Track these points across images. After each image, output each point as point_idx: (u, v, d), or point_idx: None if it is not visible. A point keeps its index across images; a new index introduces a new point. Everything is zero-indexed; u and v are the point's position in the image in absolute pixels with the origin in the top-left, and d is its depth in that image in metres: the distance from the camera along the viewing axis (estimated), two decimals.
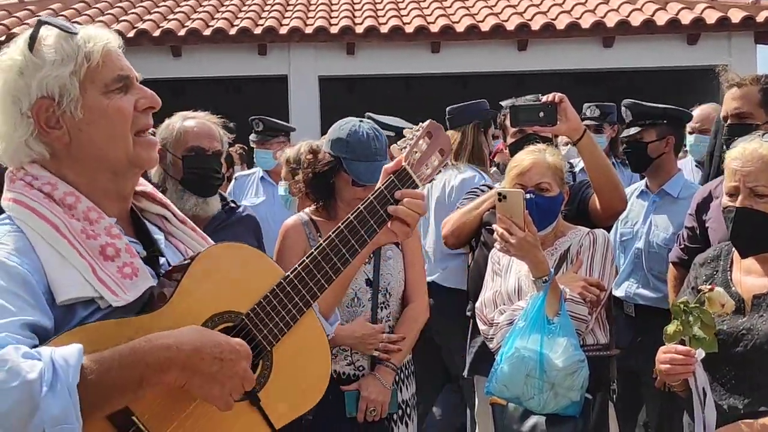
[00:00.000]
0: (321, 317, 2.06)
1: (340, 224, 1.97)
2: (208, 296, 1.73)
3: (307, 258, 1.89)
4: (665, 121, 4.34)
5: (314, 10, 12.63)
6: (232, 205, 3.59)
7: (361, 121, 3.32)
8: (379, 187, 2.05)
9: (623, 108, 4.41)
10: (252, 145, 6.30)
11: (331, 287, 1.91)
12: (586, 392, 3.04)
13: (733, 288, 2.64)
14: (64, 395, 1.39)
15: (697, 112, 4.99)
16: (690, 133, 4.91)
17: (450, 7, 12.54)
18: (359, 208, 2.01)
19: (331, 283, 1.90)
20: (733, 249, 2.71)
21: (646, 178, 4.50)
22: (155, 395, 1.58)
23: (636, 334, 4.20)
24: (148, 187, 1.92)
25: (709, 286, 2.52)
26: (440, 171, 2.24)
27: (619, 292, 4.25)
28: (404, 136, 2.16)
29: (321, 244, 1.92)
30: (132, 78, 1.75)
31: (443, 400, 5.37)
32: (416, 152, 2.14)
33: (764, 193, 2.54)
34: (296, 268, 1.87)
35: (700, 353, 2.46)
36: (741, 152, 2.59)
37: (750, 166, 2.55)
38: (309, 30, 11.62)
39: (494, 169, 7.12)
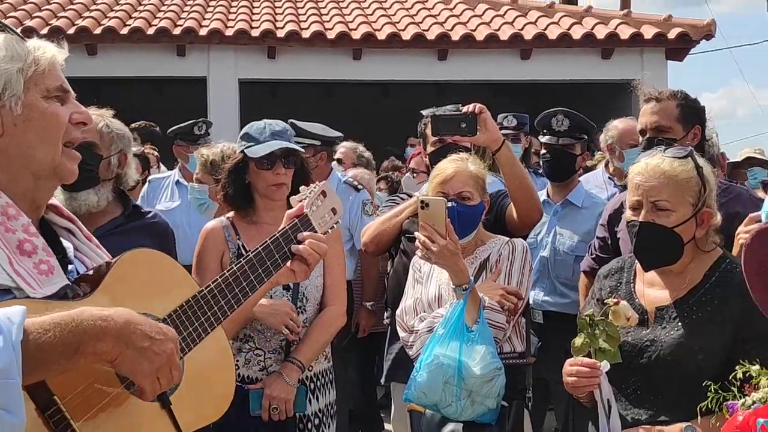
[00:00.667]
0: None
1: (249, 253, 2.15)
2: (127, 296, 1.81)
3: (219, 277, 2.04)
4: (586, 136, 4.48)
5: (235, 13, 12.50)
6: (141, 210, 3.46)
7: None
8: (284, 227, 2.26)
9: (559, 116, 4.49)
10: (186, 148, 6.12)
11: (231, 316, 2.04)
12: (503, 400, 3.09)
13: (637, 300, 2.71)
14: (8, 350, 1.40)
15: (623, 126, 5.10)
16: (633, 146, 5.04)
17: (372, 14, 12.58)
18: (266, 242, 2.19)
19: (239, 304, 2.05)
20: (636, 261, 2.78)
21: (547, 189, 4.62)
22: (78, 379, 1.62)
23: (545, 341, 4.29)
24: (55, 201, 1.97)
25: (615, 300, 2.58)
26: (333, 227, 2.45)
27: None
28: (329, 144, 2.25)
29: (232, 267, 2.09)
30: (70, 93, 1.83)
31: None
32: (314, 206, 2.36)
33: (666, 207, 2.61)
34: (210, 285, 2.00)
35: (605, 365, 2.52)
36: (644, 167, 2.67)
37: (653, 181, 2.62)
38: (229, 32, 11.49)
39: (407, 174, 7.18)
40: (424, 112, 4.01)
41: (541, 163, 4.86)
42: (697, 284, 2.64)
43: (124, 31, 11.31)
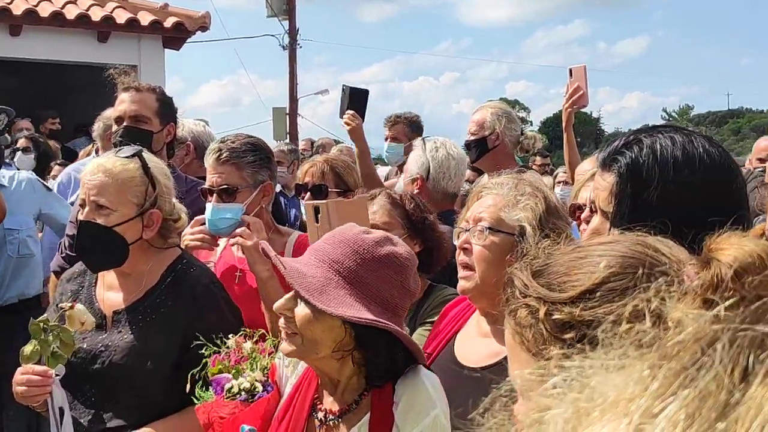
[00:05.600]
0: None
1: None
2: None
3: None
4: None
5: None
6: None
7: None
8: None
9: None
10: None
11: None
12: None
13: (97, 304, 2.68)
14: None
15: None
16: None
17: None
18: None
19: None
20: None
21: None
22: None
23: None
24: None
25: (69, 303, 2.52)
26: None
27: None
28: None
29: None
30: None
31: None
32: None
33: (106, 205, 2.60)
34: None
35: (61, 369, 2.45)
36: (91, 166, 2.66)
37: (95, 180, 2.60)
38: None
39: None
40: None
41: None
42: (153, 286, 2.67)
43: None
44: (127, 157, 2.64)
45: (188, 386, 2.29)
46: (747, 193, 1.83)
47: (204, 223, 3.10)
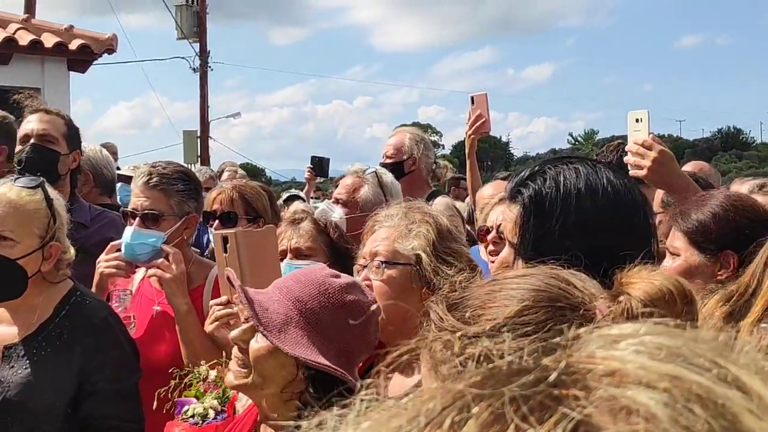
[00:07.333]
0: None
1: None
2: None
3: None
4: None
5: None
6: None
7: None
8: None
9: None
10: None
11: None
12: None
13: None
14: None
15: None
16: None
17: None
18: None
19: None
20: None
21: None
22: None
23: None
24: None
25: None
26: None
27: None
28: None
29: None
30: None
31: None
32: None
33: (10, 237, 2.51)
34: None
35: None
36: None
37: None
38: None
39: None
40: None
41: None
42: (47, 319, 2.58)
43: None
44: (31, 188, 2.56)
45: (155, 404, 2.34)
46: (654, 224, 1.85)
47: (120, 250, 3.01)
